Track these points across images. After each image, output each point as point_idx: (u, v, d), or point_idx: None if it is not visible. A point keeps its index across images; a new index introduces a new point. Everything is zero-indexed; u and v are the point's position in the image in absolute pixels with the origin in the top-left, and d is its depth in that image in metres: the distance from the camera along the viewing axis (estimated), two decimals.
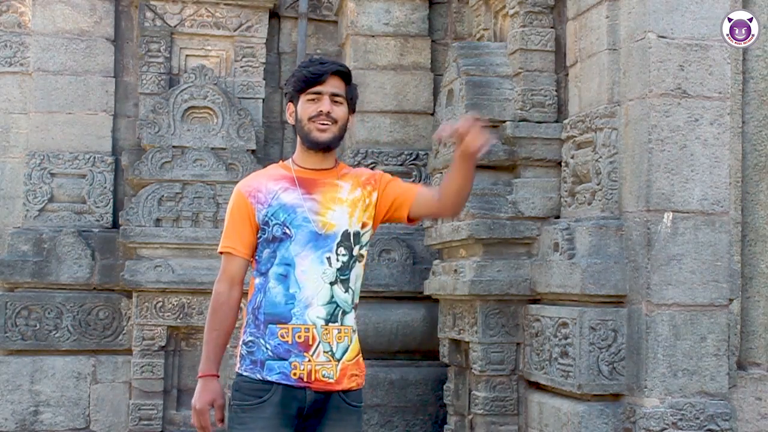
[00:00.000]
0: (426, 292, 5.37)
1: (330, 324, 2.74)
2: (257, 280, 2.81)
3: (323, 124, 2.78)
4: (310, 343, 2.71)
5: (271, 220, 2.76)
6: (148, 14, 6.16)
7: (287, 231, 2.75)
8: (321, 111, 2.77)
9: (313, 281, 2.73)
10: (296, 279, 2.73)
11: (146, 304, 5.79)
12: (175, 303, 5.80)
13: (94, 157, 6.10)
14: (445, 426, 5.22)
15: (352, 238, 2.80)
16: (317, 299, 2.74)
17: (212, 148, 5.90)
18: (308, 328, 2.71)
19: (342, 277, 2.78)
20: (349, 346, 2.78)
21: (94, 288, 5.97)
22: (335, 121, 2.79)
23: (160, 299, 5.79)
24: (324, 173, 2.83)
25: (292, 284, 2.73)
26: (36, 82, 6.13)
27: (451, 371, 5.16)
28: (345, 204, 2.81)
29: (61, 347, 5.89)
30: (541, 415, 4.43)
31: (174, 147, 5.87)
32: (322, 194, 2.79)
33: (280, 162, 2.94)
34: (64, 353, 5.90)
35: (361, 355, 2.86)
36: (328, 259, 2.76)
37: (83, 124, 6.14)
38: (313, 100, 2.78)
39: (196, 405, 2.75)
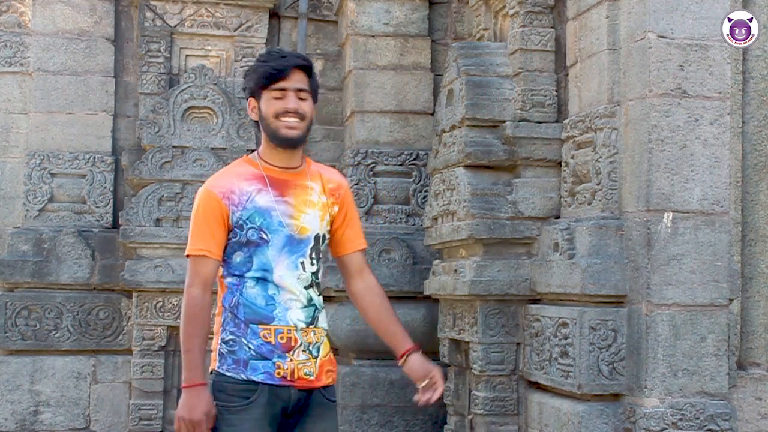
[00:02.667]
0: (426, 292, 5.37)
1: (310, 326, 2.75)
2: (229, 280, 2.75)
3: (291, 120, 2.72)
4: (292, 344, 2.71)
5: (246, 224, 2.70)
6: (148, 14, 6.16)
7: (264, 236, 2.70)
8: (288, 109, 2.71)
9: (290, 285, 2.72)
10: (275, 283, 2.71)
11: (146, 304, 5.79)
12: (175, 303, 5.80)
13: (94, 157, 6.10)
14: (445, 426, 5.22)
15: (321, 241, 2.81)
16: (296, 303, 2.73)
17: (212, 148, 5.90)
18: (290, 330, 2.71)
19: (316, 281, 2.79)
20: (322, 343, 2.80)
21: (94, 288, 5.98)
22: (303, 117, 2.74)
23: (160, 299, 5.79)
24: (294, 174, 2.78)
25: (270, 287, 2.71)
26: (36, 82, 6.13)
27: (451, 371, 5.16)
28: (317, 207, 2.78)
29: (61, 347, 5.89)
30: (541, 415, 4.44)
31: (174, 147, 5.87)
32: (294, 197, 2.75)
33: (245, 157, 2.86)
34: (64, 353, 5.91)
35: (332, 351, 2.88)
36: (302, 263, 2.74)
37: (83, 124, 6.14)
38: (278, 97, 2.72)
39: (193, 416, 2.61)
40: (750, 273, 4.34)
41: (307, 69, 2.76)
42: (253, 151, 5.89)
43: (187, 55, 6.27)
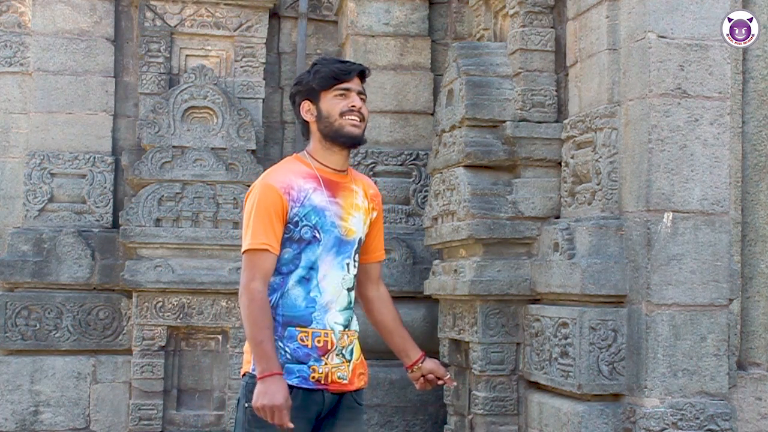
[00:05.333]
0: (426, 292, 5.37)
1: (346, 329, 2.77)
2: (272, 278, 2.73)
3: (356, 119, 2.75)
4: (329, 347, 2.72)
5: (302, 221, 2.71)
6: (148, 14, 6.16)
7: (317, 235, 2.72)
8: (354, 106, 2.74)
9: (333, 286, 2.73)
10: (318, 283, 2.72)
11: (146, 304, 5.79)
12: (175, 303, 5.80)
13: (94, 157, 6.10)
14: (445, 426, 5.22)
15: (360, 244, 2.84)
16: (336, 305, 2.74)
17: (212, 148, 5.90)
18: (327, 333, 2.72)
19: (354, 284, 2.82)
20: (354, 346, 2.82)
21: (94, 288, 5.97)
22: (363, 118, 2.78)
23: (160, 299, 5.79)
24: (343, 176, 2.82)
25: (313, 288, 2.72)
26: (36, 82, 6.12)
27: (451, 371, 5.16)
28: (361, 211, 2.82)
29: (61, 347, 5.89)
30: (541, 415, 4.44)
31: (174, 147, 5.86)
32: (344, 199, 2.78)
33: (295, 155, 2.87)
34: (64, 353, 5.90)
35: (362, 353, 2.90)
36: (348, 265, 2.77)
37: (83, 124, 6.14)
38: (342, 95, 2.75)
39: (275, 401, 2.56)
40: (750, 273, 4.34)
41: (364, 77, 2.83)
42: (254, 151, 5.95)
43: (187, 55, 6.26)
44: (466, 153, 4.73)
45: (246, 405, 2.67)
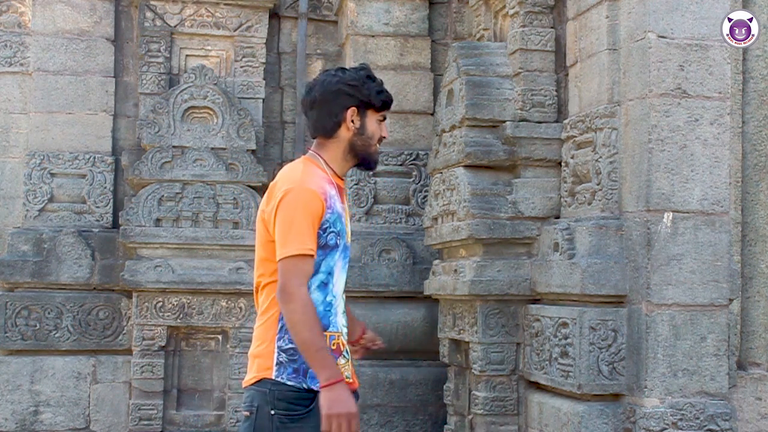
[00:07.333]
0: (426, 292, 5.37)
1: (345, 330, 2.83)
2: None
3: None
4: (341, 349, 2.76)
5: (330, 227, 2.71)
6: (148, 14, 6.16)
7: (338, 241, 2.74)
8: (385, 137, 2.88)
9: (341, 290, 2.80)
10: (332, 288, 2.75)
11: (146, 304, 5.79)
12: (175, 303, 5.80)
13: (94, 157, 6.10)
14: (445, 426, 5.22)
15: None
16: (342, 307, 2.80)
17: (212, 148, 5.90)
18: (338, 336, 2.76)
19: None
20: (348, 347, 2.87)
21: (94, 288, 5.97)
22: None
23: (160, 299, 5.79)
24: (341, 184, 2.88)
25: (329, 293, 2.74)
26: (36, 82, 6.12)
27: (451, 371, 5.16)
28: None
29: (61, 347, 5.89)
30: (541, 415, 4.44)
31: (174, 147, 5.87)
32: (346, 206, 2.86)
33: (310, 160, 2.80)
34: (64, 353, 5.90)
35: None
36: (347, 269, 2.85)
37: (83, 124, 6.14)
38: (380, 121, 2.86)
39: (351, 409, 2.59)
40: (750, 273, 4.34)
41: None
42: (254, 151, 5.94)
43: (187, 55, 6.26)
44: (466, 153, 4.73)
45: (272, 412, 2.65)
